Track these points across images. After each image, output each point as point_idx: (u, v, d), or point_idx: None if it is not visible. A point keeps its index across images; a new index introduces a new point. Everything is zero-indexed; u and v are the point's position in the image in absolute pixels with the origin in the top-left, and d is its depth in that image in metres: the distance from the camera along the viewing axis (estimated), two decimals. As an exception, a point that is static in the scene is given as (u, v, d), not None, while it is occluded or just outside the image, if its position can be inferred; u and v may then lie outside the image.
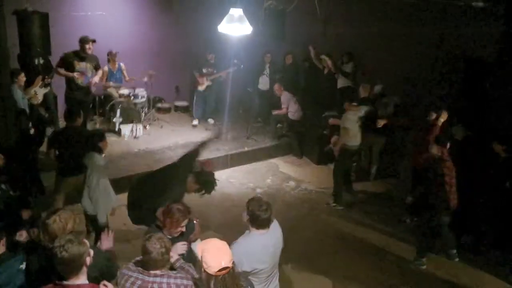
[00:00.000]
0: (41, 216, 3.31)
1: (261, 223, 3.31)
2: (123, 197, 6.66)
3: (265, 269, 3.40)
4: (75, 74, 7.47)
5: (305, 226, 6.45)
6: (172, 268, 3.17)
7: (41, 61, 7.55)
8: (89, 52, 7.51)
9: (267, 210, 3.29)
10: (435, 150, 5.36)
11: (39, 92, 7.45)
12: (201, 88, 9.55)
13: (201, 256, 2.85)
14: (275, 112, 8.96)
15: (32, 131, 6.26)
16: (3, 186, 4.38)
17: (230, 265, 2.83)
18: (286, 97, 8.72)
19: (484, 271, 5.47)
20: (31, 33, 5.16)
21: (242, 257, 3.21)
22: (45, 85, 7.53)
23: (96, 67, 7.79)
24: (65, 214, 3.13)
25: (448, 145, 5.46)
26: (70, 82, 7.58)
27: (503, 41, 6.34)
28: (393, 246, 5.93)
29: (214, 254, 2.83)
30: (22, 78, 6.75)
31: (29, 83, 7.15)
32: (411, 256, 5.70)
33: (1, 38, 4.88)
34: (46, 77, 7.49)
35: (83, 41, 7.40)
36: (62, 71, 7.49)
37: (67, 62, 7.47)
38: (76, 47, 7.56)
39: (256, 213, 3.27)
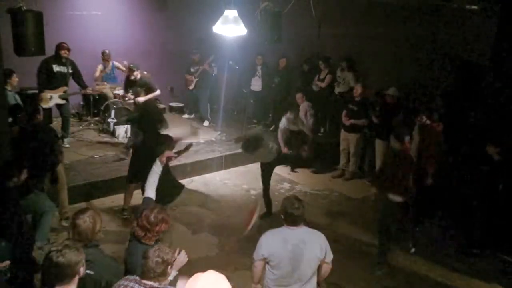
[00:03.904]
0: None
1: (292, 220, 3.45)
2: (117, 198, 6.70)
3: (281, 265, 3.41)
4: None
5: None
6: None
7: (70, 70, 7.57)
8: None
9: (299, 208, 3.43)
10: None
11: (54, 99, 7.43)
12: (190, 87, 9.62)
13: None
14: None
15: None
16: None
17: None
18: (304, 108, 8.03)
19: (477, 273, 5.47)
20: (25, 32, 5.12)
21: (263, 241, 3.49)
22: (64, 98, 7.62)
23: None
24: (94, 214, 3.15)
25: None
26: None
27: (496, 43, 6.36)
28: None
29: None
30: (15, 79, 6.71)
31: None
32: (404, 259, 5.72)
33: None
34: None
35: None
36: None
37: None
38: (71, 46, 7.57)
39: (289, 211, 3.43)
